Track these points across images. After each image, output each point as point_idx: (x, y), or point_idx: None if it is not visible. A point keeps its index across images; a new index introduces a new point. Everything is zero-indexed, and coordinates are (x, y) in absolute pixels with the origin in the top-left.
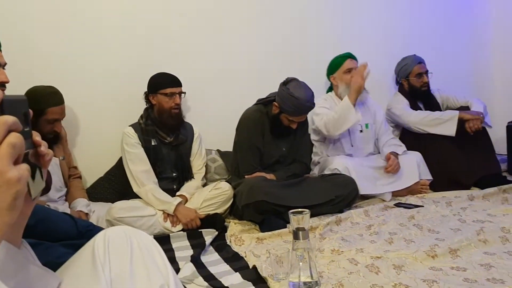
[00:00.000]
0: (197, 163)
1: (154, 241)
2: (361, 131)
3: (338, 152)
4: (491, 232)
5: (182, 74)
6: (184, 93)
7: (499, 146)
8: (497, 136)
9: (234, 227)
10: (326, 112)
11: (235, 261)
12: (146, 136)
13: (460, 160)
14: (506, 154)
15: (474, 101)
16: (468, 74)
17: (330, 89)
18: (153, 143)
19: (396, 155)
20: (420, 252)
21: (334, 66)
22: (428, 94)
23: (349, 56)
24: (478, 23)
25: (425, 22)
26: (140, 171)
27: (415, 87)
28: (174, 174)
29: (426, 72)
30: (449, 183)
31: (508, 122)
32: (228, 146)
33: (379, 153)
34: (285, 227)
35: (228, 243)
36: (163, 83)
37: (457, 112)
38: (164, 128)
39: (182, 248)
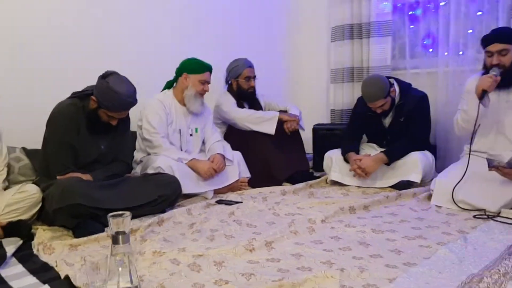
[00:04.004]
0: None
1: None
2: (191, 135)
3: None
4: (300, 224)
5: None
6: None
7: (307, 146)
8: (305, 137)
9: (43, 234)
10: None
11: (43, 272)
12: None
13: (277, 156)
14: (312, 153)
15: (291, 106)
16: (282, 81)
17: (169, 84)
18: None
19: (222, 156)
20: (240, 247)
21: (194, 69)
22: (253, 97)
23: (210, 69)
24: (292, 31)
25: (245, 29)
26: None
27: (243, 88)
28: None
29: (254, 77)
30: (265, 179)
31: (314, 125)
32: (36, 144)
33: None
34: (103, 231)
35: (35, 252)
36: None
37: (277, 112)
38: None
39: None
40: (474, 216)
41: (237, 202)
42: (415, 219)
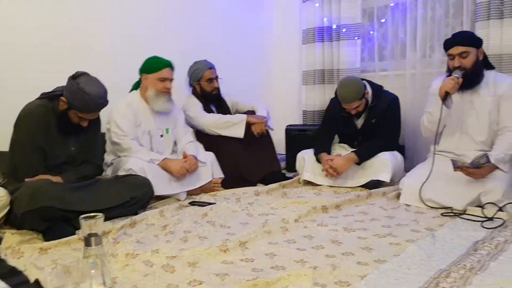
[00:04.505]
0: None
1: None
2: (161, 135)
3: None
4: (274, 224)
5: None
6: None
7: (279, 146)
8: (278, 138)
9: (11, 238)
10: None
11: (12, 276)
12: None
13: (248, 159)
14: (285, 154)
15: (259, 106)
16: (255, 82)
17: (136, 85)
18: None
19: (195, 157)
20: (213, 248)
21: (151, 68)
22: (219, 98)
23: (169, 65)
24: (264, 33)
25: (219, 30)
26: None
27: (206, 91)
28: None
29: (216, 77)
30: (238, 180)
31: (287, 126)
32: (3, 146)
33: None
34: (74, 234)
35: (2, 257)
36: None
37: (245, 116)
38: None
39: None
40: (442, 214)
41: (210, 203)
42: (385, 218)
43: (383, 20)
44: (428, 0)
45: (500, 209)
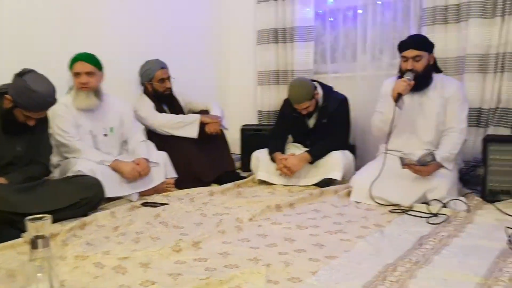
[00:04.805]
0: None
1: None
2: (105, 135)
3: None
4: (228, 223)
5: None
6: None
7: (235, 146)
8: (233, 137)
9: None
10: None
11: None
12: None
13: (202, 159)
14: (240, 154)
15: (213, 105)
16: (209, 82)
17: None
18: None
19: (147, 160)
20: (166, 248)
21: (70, 65)
22: (171, 97)
23: (80, 58)
24: (220, 33)
25: (171, 29)
26: None
27: (158, 91)
28: None
29: (169, 77)
30: (192, 181)
31: (242, 126)
32: None
33: None
34: (19, 237)
35: None
36: None
37: (198, 116)
38: None
39: None
40: (390, 211)
41: (163, 204)
42: (336, 215)
43: (335, 24)
44: (377, 4)
45: (444, 206)
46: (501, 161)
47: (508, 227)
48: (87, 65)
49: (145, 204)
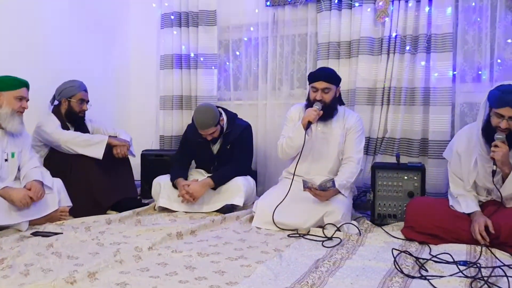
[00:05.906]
0: None
1: None
2: (6, 160)
3: None
4: (126, 252)
5: None
6: None
7: (135, 172)
8: (133, 163)
9: None
10: None
11: None
12: None
13: (103, 182)
14: (140, 180)
15: (121, 132)
16: (114, 109)
17: None
18: None
19: (40, 182)
20: (59, 280)
21: (8, 86)
22: (82, 121)
23: (27, 84)
24: (120, 56)
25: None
26: None
27: (73, 110)
28: None
29: (88, 101)
30: (89, 206)
31: (142, 151)
32: None
33: None
34: None
35: None
36: None
37: (106, 136)
38: None
39: None
40: (288, 235)
41: (56, 233)
42: (237, 241)
43: (238, 53)
44: (277, 37)
45: (338, 229)
46: (388, 187)
47: (394, 249)
48: (27, 92)
49: (36, 234)
